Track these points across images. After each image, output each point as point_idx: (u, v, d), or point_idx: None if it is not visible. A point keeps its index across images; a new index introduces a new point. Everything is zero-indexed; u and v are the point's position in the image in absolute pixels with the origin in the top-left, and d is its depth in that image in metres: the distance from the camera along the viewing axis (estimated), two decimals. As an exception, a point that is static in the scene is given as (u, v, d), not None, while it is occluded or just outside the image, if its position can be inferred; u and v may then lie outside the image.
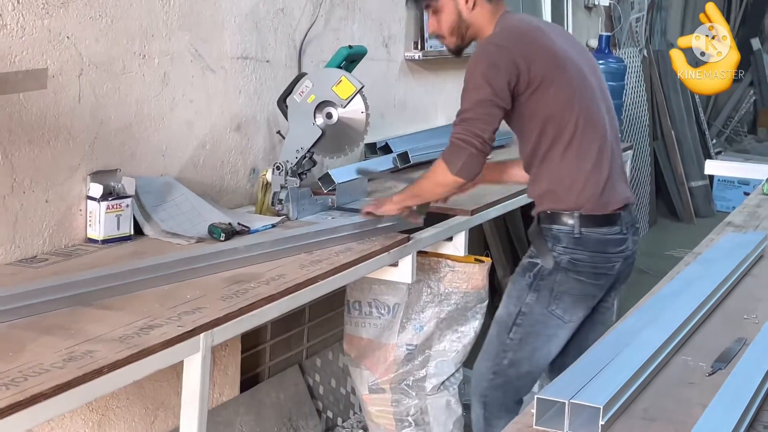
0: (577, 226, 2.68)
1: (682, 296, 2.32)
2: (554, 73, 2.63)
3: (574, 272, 2.70)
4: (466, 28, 2.76)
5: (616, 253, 2.74)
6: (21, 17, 2.43)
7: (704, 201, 7.95)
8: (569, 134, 2.66)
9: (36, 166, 2.54)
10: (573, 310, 2.74)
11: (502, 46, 2.62)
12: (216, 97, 3.19)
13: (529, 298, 2.74)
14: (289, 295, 2.40)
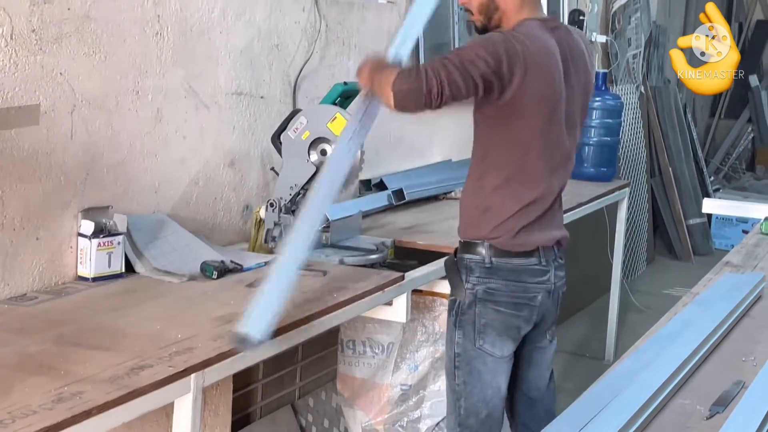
0: (488, 256, 2.65)
1: (679, 338, 2.32)
2: (538, 107, 2.58)
3: (491, 302, 2.66)
4: (495, 9, 2.68)
5: (535, 282, 2.69)
6: (14, 53, 2.45)
7: (702, 239, 7.96)
8: (514, 172, 2.62)
9: (27, 203, 2.54)
10: (501, 344, 2.68)
11: (518, 50, 2.49)
12: (210, 133, 3.21)
13: (458, 337, 2.71)
14: (282, 334, 2.40)
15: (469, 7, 2.73)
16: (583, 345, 5.54)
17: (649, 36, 7.77)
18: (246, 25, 3.32)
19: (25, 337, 2.21)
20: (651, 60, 7.98)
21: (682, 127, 8.18)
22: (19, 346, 2.15)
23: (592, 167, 5.14)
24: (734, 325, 2.58)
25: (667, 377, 2.03)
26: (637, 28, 7.37)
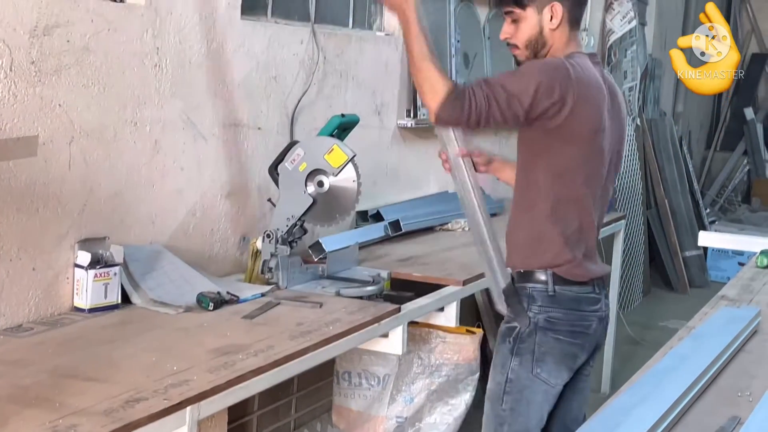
0: (551, 284, 2.66)
1: (675, 372, 2.31)
2: (587, 135, 2.60)
3: (552, 331, 2.67)
4: (542, 45, 2.69)
5: (591, 311, 2.71)
6: (13, 85, 2.46)
7: (698, 271, 7.96)
8: (562, 198, 2.64)
9: (24, 234, 2.55)
10: (557, 372, 2.70)
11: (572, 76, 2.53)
12: (207, 164, 3.22)
13: (513, 363, 2.70)
14: (278, 367, 2.40)
15: (515, 42, 2.73)
16: (579, 377, 5.51)
17: (645, 69, 7.81)
18: (244, 57, 3.34)
19: (20, 368, 2.21)
20: (647, 92, 8.02)
21: (678, 159, 8.20)
22: (14, 377, 2.14)
23: (588, 199, 5.13)
24: (730, 359, 2.57)
25: (663, 412, 2.03)
26: (633, 61, 7.41)
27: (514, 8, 2.69)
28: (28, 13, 2.49)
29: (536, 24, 2.69)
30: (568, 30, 2.70)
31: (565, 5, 2.68)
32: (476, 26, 5.14)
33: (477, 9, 5.12)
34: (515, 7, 2.69)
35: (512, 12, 2.70)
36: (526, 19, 2.69)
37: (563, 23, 2.69)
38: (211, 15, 3.15)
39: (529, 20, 2.69)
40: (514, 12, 2.70)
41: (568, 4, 2.69)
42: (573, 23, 2.72)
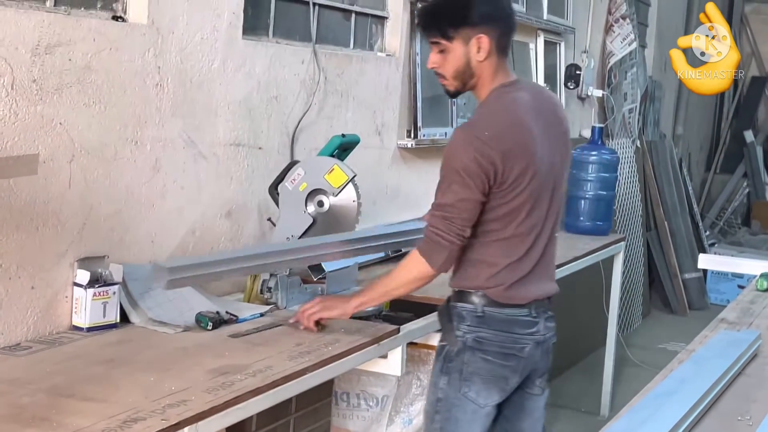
0: (480, 305, 2.67)
1: (675, 396, 2.31)
2: (523, 179, 2.59)
3: (480, 351, 2.66)
4: (470, 76, 2.69)
5: (525, 334, 2.69)
6: (14, 103, 2.46)
7: (698, 293, 7.96)
8: (506, 232, 2.64)
9: (23, 252, 2.54)
10: (486, 393, 2.68)
11: (486, 142, 2.54)
12: (207, 183, 3.22)
13: (442, 382, 2.70)
14: (276, 387, 2.39)
15: (442, 72, 2.72)
16: (577, 399, 5.51)
17: (645, 90, 7.84)
18: (245, 76, 3.34)
19: (18, 387, 2.20)
20: (647, 114, 8.04)
21: (677, 181, 8.21)
22: (12, 396, 2.14)
23: (588, 221, 5.14)
24: (730, 383, 2.57)
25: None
26: (633, 83, 7.43)
27: (439, 39, 2.68)
28: (30, 31, 2.49)
29: (463, 55, 2.67)
30: (496, 60, 2.69)
31: (492, 36, 2.65)
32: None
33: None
34: (441, 38, 2.67)
35: (438, 43, 2.69)
36: (452, 51, 2.67)
37: (491, 54, 2.67)
38: (213, 34, 3.16)
39: (456, 52, 2.67)
40: (440, 43, 2.68)
41: (495, 35, 2.66)
42: (501, 52, 2.70)
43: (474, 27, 2.63)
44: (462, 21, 2.64)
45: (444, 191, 2.58)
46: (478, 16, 2.64)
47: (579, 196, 5.15)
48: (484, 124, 2.61)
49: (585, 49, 6.59)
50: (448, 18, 2.65)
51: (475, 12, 2.64)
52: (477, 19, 2.63)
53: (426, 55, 4.48)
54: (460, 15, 2.64)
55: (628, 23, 7.10)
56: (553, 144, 2.72)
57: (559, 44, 6.27)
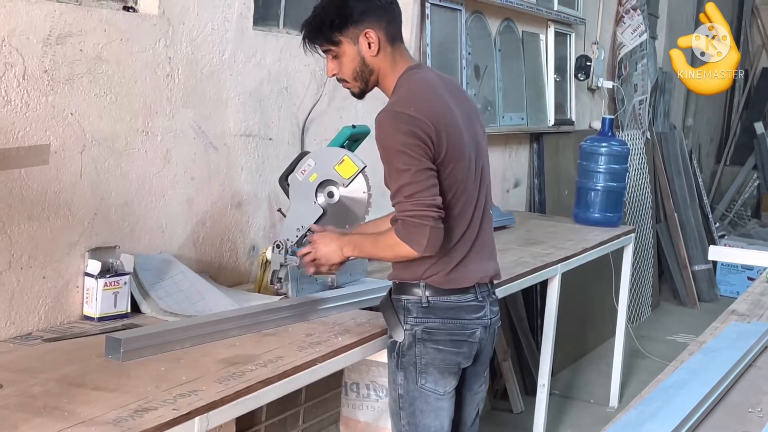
0: (425, 296, 2.65)
1: (686, 387, 2.30)
2: (453, 153, 2.57)
3: (431, 342, 2.66)
4: (369, 73, 2.68)
5: (472, 319, 2.69)
6: (26, 93, 2.46)
7: (707, 285, 7.94)
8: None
9: (35, 242, 2.55)
10: (444, 381, 2.68)
11: (414, 117, 2.51)
12: (218, 174, 3.22)
13: (400, 378, 2.71)
14: (286, 378, 2.39)
15: (342, 77, 2.72)
16: (586, 390, 5.51)
17: (656, 82, 7.81)
18: (256, 67, 3.34)
19: (29, 376, 2.20)
20: (657, 106, 8.02)
21: (687, 173, 8.19)
22: (23, 385, 2.14)
23: (598, 212, 5.13)
24: (741, 375, 2.57)
25: (673, 428, 2.02)
26: (643, 75, 7.41)
27: (329, 46, 2.68)
28: (42, 22, 2.49)
29: (356, 55, 2.67)
30: (390, 50, 2.68)
31: (378, 28, 2.65)
32: (487, 38, 5.14)
33: (488, 21, 5.13)
34: (329, 45, 2.67)
35: (329, 50, 2.69)
36: (345, 53, 2.67)
37: (383, 46, 2.66)
38: (223, 25, 3.16)
39: (348, 53, 2.67)
40: (331, 50, 2.68)
41: (382, 26, 2.66)
42: (393, 41, 2.69)
43: (357, 25, 2.64)
44: (343, 22, 2.64)
45: (395, 177, 2.54)
46: (358, 13, 2.63)
47: (589, 188, 5.14)
48: (406, 102, 2.57)
49: (595, 40, 6.57)
50: (329, 24, 2.65)
51: (353, 10, 2.63)
52: (357, 16, 2.63)
53: (437, 44, 4.50)
54: (340, 17, 2.64)
55: (638, 14, 7.07)
56: (470, 119, 2.72)
57: (570, 35, 6.25)
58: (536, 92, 5.78)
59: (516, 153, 5.73)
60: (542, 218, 5.42)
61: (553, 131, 5.98)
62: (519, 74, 5.56)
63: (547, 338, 4.32)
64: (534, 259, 4.01)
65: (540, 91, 5.84)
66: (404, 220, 2.53)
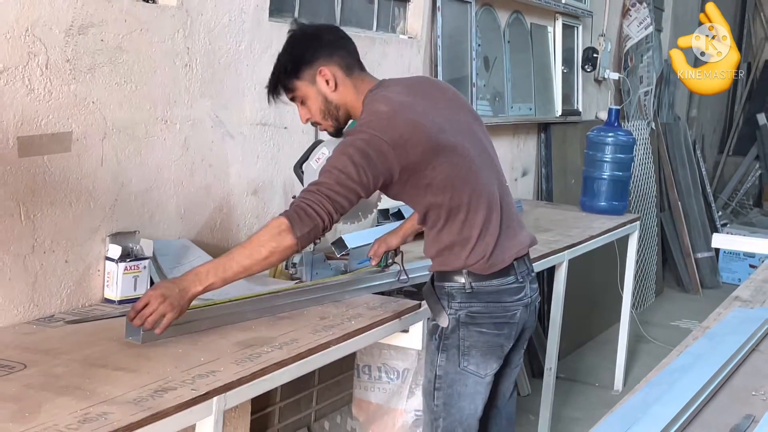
0: (468, 283, 2.65)
1: (690, 371, 2.30)
2: (432, 153, 2.52)
3: (474, 325, 2.67)
4: (336, 108, 2.65)
5: (513, 301, 2.69)
6: (48, 82, 2.47)
7: (710, 272, 7.93)
8: (453, 208, 2.59)
9: (57, 227, 2.55)
10: (485, 364, 2.69)
11: (374, 135, 2.44)
12: (234, 162, 3.22)
13: (440, 359, 2.71)
14: (301, 360, 2.40)
15: (314, 119, 2.70)
16: (592, 374, 5.51)
17: (661, 74, 7.79)
18: (272, 58, 3.30)
19: (52, 357, 2.21)
20: (662, 97, 7.99)
21: (691, 163, 8.16)
22: (46, 366, 2.15)
23: (604, 201, 5.12)
24: (744, 359, 2.56)
25: (678, 410, 2.01)
26: (648, 66, 7.38)
27: (291, 93, 2.66)
28: (64, 12, 2.49)
29: (318, 95, 2.64)
30: (350, 81, 2.65)
31: (331, 63, 2.62)
32: (497, 31, 5.13)
33: (497, 14, 5.11)
34: (290, 92, 2.66)
35: (294, 98, 2.67)
36: (308, 96, 2.65)
37: (341, 79, 2.63)
38: (240, 16, 3.15)
39: (310, 95, 2.65)
40: (295, 96, 2.67)
41: (336, 60, 2.63)
42: (351, 70, 2.66)
43: (310, 65, 2.62)
44: (296, 66, 2.62)
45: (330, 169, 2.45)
46: (309, 55, 2.62)
47: (595, 177, 5.13)
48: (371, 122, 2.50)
49: (602, 32, 6.54)
50: (284, 72, 2.64)
51: (303, 53, 2.62)
52: (309, 57, 2.62)
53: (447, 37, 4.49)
54: (292, 62, 2.63)
55: (644, 7, 7.04)
56: (452, 110, 2.68)
57: (577, 28, 6.23)
58: (544, 83, 5.76)
59: (524, 143, 5.72)
60: (549, 206, 5.41)
61: (560, 121, 5.96)
62: (527, 66, 5.54)
63: (554, 323, 4.32)
64: (542, 246, 4.00)
65: (548, 82, 5.83)
66: (302, 204, 2.39)
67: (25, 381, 2.04)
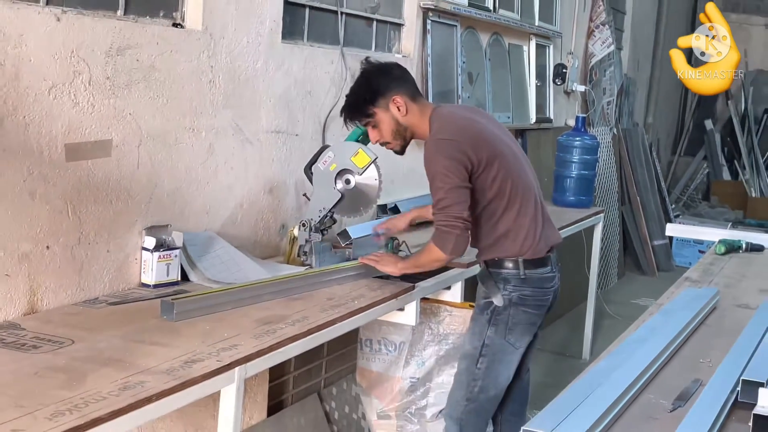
0: (522, 269, 2.76)
1: (647, 342, 2.30)
2: (493, 155, 2.68)
3: (522, 306, 2.78)
4: (405, 129, 2.76)
5: (549, 287, 2.83)
6: (91, 97, 2.46)
7: (665, 257, 7.92)
8: (511, 199, 2.72)
9: (100, 222, 2.55)
10: (522, 338, 2.82)
11: (452, 139, 2.63)
12: (252, 164, 3.21)
13: (489, 331, 2.80)
14: (311, 335, 2.40)
15: (385, 140, 2.79)
16: (563, 346, 5.50)
17: (621, 86, 7.77)
18: (284, 74, 3.33)
19: (96, 334, 2.21)
20: (622, 106, 7.97)
21: (648, 163, 8.15)
22: (91, 342, 2.15)
23: (572, 196, 5.12)
24: (693, 332, 2.56)
25: (636, 376, 2.02)
26: (611, 80, 7.37)
27: (366, 119, 2.75)
28: (104, 36, 2.49)
29: (391, 120, 2.74)
30: (416, 106, 2.76)
31: (402, 92, 2.72)
32: (479, 50, 5.12)
33: (480, 35, 5.10)
34: (368, 118, 2.75)
35: (368, 122, 2.76)
36: (381, 121, 2.75)
37: (409, 105, 2.73)
38: (257, 39, 3.14)
39: (384, 120, 2.74)
40: (370, 122, 2.76)
41: (404, 89, 2.73)
42: (415, 97, 2.77)
43: (385, 95, 2.72)
44: (374, 97, 2.72)
45: (436, 190, 2.65)
46: (384, 87, 2.71)
47: (565, 175, 5.12)
48: (443, 130, 2.68)
49: (570, 51, 6.52)
50: (363, 102, 2.74)
51: (379, 86, 2.71)
52: (384, 89, 2.71)
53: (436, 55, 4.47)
54: (370, 93, 2.72)
55: (607, 29, 7.02)
56: (495, 125, 2.84)
57: (549, 47, 6.21)
58: (520, 95, 5.75)
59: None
60: (525, 201, 5.38)
61: (534, 128, 5.95)
62: (505, 80, 5.53)
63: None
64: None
65: (523, 94, 5.81)
66: (437, 227, 2.66)
67: (73, 354, 2.05)
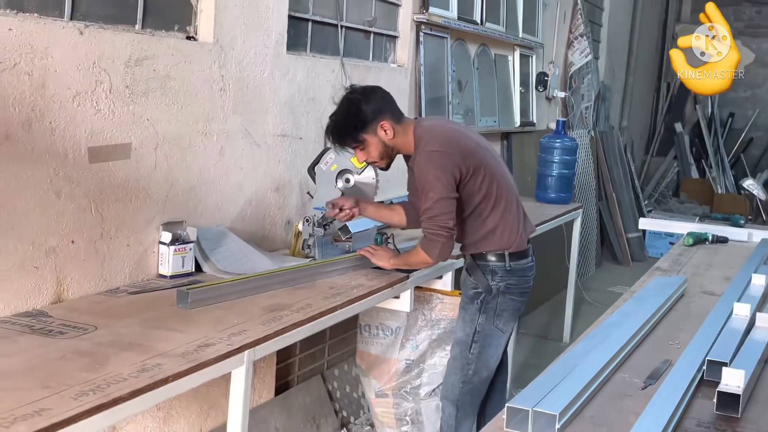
0: (508, 261, 2.80)
1: (621, 326, 2.30)
2: (479, 162, 2.70)
3: (509, 294, 2.82)
4: (392, 150, 2.76)
5: (530, 276, 2.88)
6: (112, 104, 2.46)
7: (638, 248, 7.92)
8: (497, 198, 2.75)
9: (121, 218, 2.55)
10: (509, 323, 2.87)
11: (443, 151, 2.63)
12: (260, 165, 3.21)
13: (480, 319, 2.83)
14: (314, 321, 2.40)
15: (371, 160, 2.77)
16: (545, 330, 5.51)
17: (598, 92, 7.76)
18: (289, 83, 3.33)
19: (117, 321, 2.22)
20: (599, 111, 7.97)
21: (623, 162, 8.15)
22: (113, 328, 2.15)
23: (554, 193, 5.12)
24: (663, 317, 2.57)
25: (611, 356, 2.02)
26: (588, 86, 7.37)
27: (359, 145, 2.73)
28: (123, 48, 2.49)
29: (379, 142, 2.72)
30: (400, 127, 2.74)
31: (388, 117, 2.70)
32: (467, 60, 5.11)
33: (468, 46, 5.10)
34: (357, 144, 2.72)
35: (358, 147, 2.74)
36: (370, 144, 2.73)
37: (396, 128, 2.72)
38: (264, 50, 3.14)
39: (373, 143, 2.73)
40: (358, 145, 2.74)
41: (389, 113, 2.71)
42: (399, 118, 2.75)
43: (373, 122, 2.69)
44: (363, 125, 2.69)
45: (425, 199, 2.65)
46: (371, 114, 2.69)
47: (547, 174, 5.12)
48: (435, 144, 2.66)
49: (551, 60, 6.53)
50: (353, 129, 2.70)
51: (367, 114, 2.69)
52: (372, 116, 2.69)
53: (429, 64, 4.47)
54: (360, 121, 2.69)
55: (585, 40, 7.02)
56: (472, 134, 2.84)
57: (531, 56, 6.21)
58: (505, 101, 5.75)
59: (490, 148, 5.70)
60: (511, 198, 5.38)
61: (519, 131, 5.95)
62: (492, 87, 5.53)
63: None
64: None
65: (508, 100, 5.81)
66: (425, 234, 2.68)
67: (96, 340, 2.05)
